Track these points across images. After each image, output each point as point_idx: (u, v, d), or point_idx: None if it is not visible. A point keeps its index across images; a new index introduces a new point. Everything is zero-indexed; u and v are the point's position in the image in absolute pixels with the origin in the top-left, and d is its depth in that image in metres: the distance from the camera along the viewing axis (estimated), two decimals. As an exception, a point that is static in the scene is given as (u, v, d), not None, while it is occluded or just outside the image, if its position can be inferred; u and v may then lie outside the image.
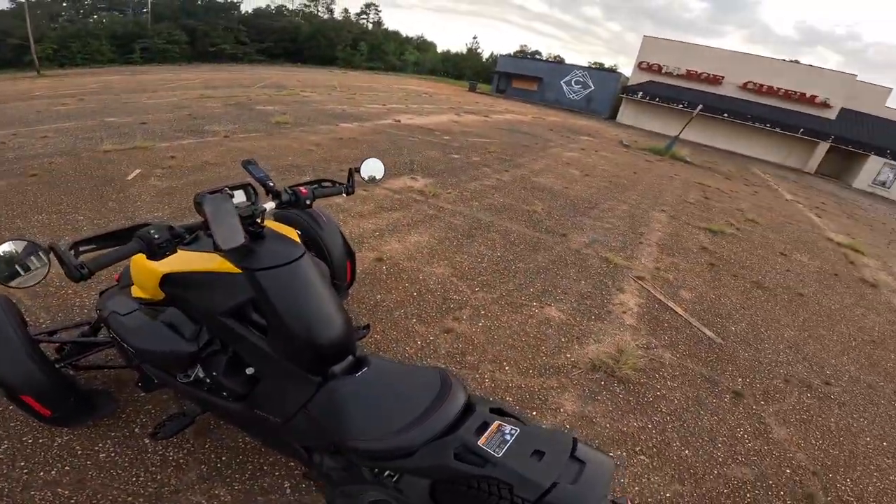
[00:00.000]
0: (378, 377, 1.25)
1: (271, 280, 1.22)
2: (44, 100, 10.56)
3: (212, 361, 1.43)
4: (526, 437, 0.98)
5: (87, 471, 1.64)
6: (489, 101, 24.12)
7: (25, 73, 25.25)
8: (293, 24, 49.27)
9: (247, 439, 1.81)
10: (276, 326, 1.25)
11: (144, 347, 1.44)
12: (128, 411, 1.89)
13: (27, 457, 1.66)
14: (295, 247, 1.33)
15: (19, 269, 0.97)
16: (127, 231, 1.11)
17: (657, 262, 4.47)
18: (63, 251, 0.96)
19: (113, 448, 1.73)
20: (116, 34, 37.22)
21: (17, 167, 4.76)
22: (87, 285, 2.71)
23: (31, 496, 1.53)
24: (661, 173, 10.02)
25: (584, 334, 2.97)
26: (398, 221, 4.35)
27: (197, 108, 9.65)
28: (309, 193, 1.51)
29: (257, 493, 1.62)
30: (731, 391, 2.67)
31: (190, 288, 1.39)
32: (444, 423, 1.05)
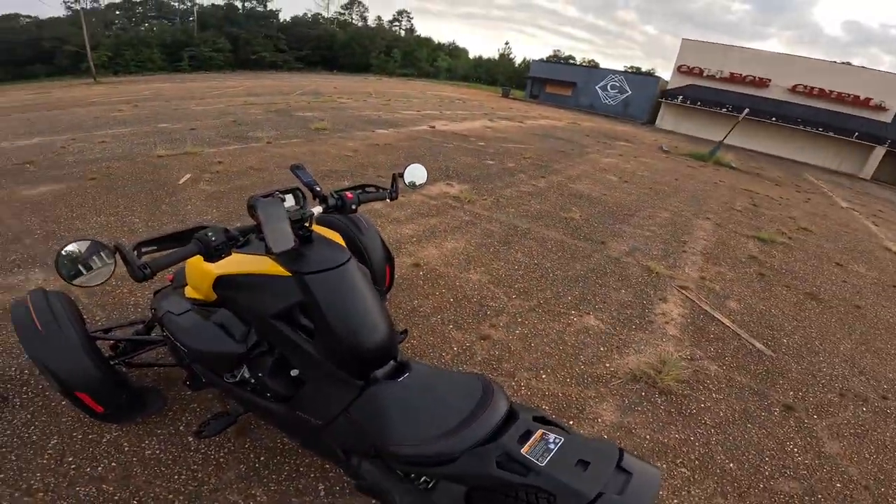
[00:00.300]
0: (419, 382, 1.24)
1: (319, 284, 1.23)
2: (100, 106, 11.25)
3: (258, 362, 1.46)
4: (570, 446, 0.95)
5: (132, 467, 1.68)
6: (523, 107, 23.97)
7: (82, 80, 27.05)
8: (329, 32, 50.71)
9: (284, 440, 1.83)
10: (323, 330, 1.26)
11: (196, 347, 1.48)
12: (174, 409, 1.94)
13: (76, 452, 1.72)
14: (342, 251, 1.34)
15: (84, 268, 0.99)
16: (185, 233, 1.14)
17: (702, 271, 4.29)
18: (127, 252, 0.99)
19: (158, 445, 1.77)
20: (166, 42, 39.32)
21: (76, 171, 5.08)
22: (141, 284, 2.85)
23: (75, 492, 1.58)
24: (704, 179, 9.64)
25: (624, 344, 2.88)
26: (435, 227, 4.36)
27: (241, 115, 10.04)
28: (354, 198, 1.52)
29: (292, 495, 1.63)
30: (782, 404, 2.54)
31: (241, 290, 1.42)
32: (487, 430, 1.03)
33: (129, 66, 35.55)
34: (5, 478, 1.59)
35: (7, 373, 2.06)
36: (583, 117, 23.04)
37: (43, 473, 1.62)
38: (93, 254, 1.00)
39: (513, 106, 23.36)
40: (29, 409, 1.88)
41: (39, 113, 10.01)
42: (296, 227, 1.23)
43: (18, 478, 1.60)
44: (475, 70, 55.01)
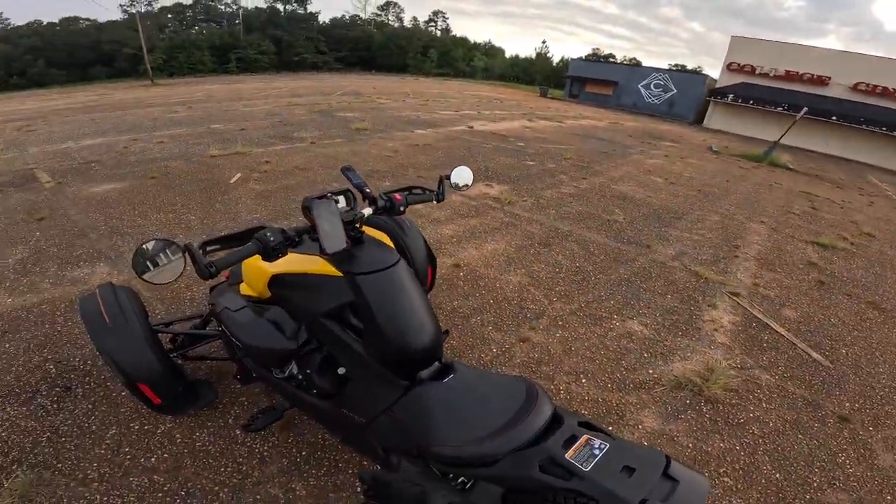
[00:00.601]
0: (463, 384, 1.25)
1: (370, 284, 1.25)
2: (158, 107, 11.94)
3: (307, 359, 1.49)
4: (616, 452, 0.94)
5: (182, 459, 1.75)
6: (562, 107, 23.55)
7: (140, 82, 28.74)
8: (366, 34, 51.61)
9: (325, 436, 1.86)
10: (372, 330, 1.28)
11: (250, 342, 1.52)
12: (224, 402, 2.01)
13: (132, 443, 1.80)
14: (391, 253, 1.36)
15: (158, 265, 1.06)
16: (246, 233, 1.20)
17: (756, 277, 4.08)
18: (196, 251, 1.04)
19: (208, 437, 1.84)
20: (215, 45, 41.17)
21: (138, 170, 5.42)
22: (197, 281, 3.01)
23: (128, 482, 1.64)
24: (758, 181, 9.15)
25: (670, 351, 2.78)
26: (475, 228, 4.36)
27: (286, 115, 10.40)
28: (402, 200, 1.54)
29: (330, 490, 1.66)
30: (837, 416, 2.40)
31: (295, 288, 1.46)
32: (530, 433, 1.02)
33: (182, 68, 37.50)
34: (63, 467, 1.68)
35: (71, 363, 2.21)
36: (625, 117, 22.38)
37: (99, 463, 1.71)
38: (166, 252, 1.06)
39: (551, 106, 23.00)
40: (90, 400, 1.99)
41: (103, 114, 10.73)
42: (347, 229, 1.26)
43: (76, 467, 1.68)
44: (512, 69, 54.49)
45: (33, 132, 8.31)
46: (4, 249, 3.34)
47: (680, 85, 27.98)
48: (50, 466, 1.68)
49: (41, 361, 2.20)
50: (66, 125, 9.02)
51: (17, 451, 1.73)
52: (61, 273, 3.04)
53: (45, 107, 13.68)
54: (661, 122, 23.45)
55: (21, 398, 1.97)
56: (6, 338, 2.36)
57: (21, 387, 2.04)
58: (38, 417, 1.89)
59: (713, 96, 24.96)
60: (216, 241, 1.18)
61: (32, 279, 2.95)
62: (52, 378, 2.10)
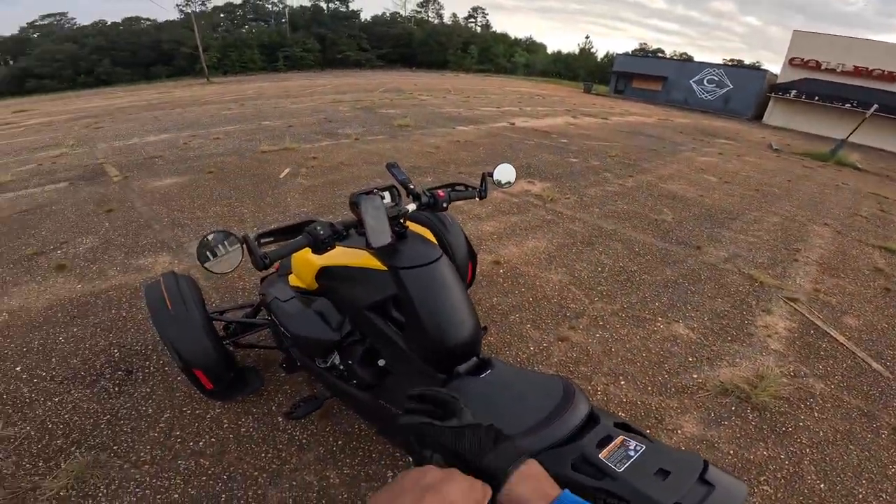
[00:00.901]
0: (500, 380, 1.23)
1: (413, 279, 1.27)
2: (214, 105, 12.56)
3: (349, 350, 1.53)
4: (652, 454, 0.90)
5: (228, 444, 1.82)
6: (607, 103, 22.85)
7: (197, 80, 30.33)
8: (407, 31, 52.09)
9: (361, 426, 1.90)
10: (413, 323, 1.29)
11: (297, 332, 1.57)
12: (269, 389, 2.09)
13: (183, 427, 1.88)
14: (434, 248, 1.36)
15: (218, 256, 1.10)
16: (297, 226, 1.24)
17: (816, 282, 3.82)
18: (252, 243, 1.08)
19: (252, 424, 1.91)
20: (264, 43, 42.86)
21: (197, 165, 5.73)
22: (251, 271, 3.15)
23: (177, 465, 1.71)
24: (823, 181, 8.52)
25: (717, 356, 2.65)
26: (516, 225, 4.32)
27: (331, 112, 10.68)
28: (446, 196, 1.54)
29: (362, 479, 1.70)
30: (892, 427, 2.23)
31: (341, 281, 1.50)
32: (565, 431, 1.01)
33: (235, 66, 39.32)
34: (118, 449, 1.77)
35: (134, 347, 2.35)
36: (675, 113, 21.43)
37: (152, 446, 1.79)
38: (225, 244, 1.11)
39: (596, 102, 22.36)
40: (149, 384, 2.11)
41: (164, 111, 11.42)
42: (392, 224, 1.28)
43: (130, 450, 1.77)
44: (554, 65, 53.36)
45: (101, 129, 8.97)
46: (76, 238, 3.63)
47: (736, 80, 26.66)
48: (106, 448, 1.77)
49: (106, 346, 2.36)
50: (130, 122, 9.67)
51: (78, 433, 1.84)
52: (127, 261, 3.27)
53: (112, 105, 14.72)
54: (715, 118, 22.32)
55: (86, 381, 2.12)
56: (75, 322, 2.55)
57: (87, 370, 2.19)
58: (101, 400, 2.01)
59: (774, 92, 23.68)
60: (269, 233, 1.23)
61: (101, 266, 3.19)
62: (116, 362, 2.24)
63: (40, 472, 1.66)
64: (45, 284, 2.94)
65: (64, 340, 2.40)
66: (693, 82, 28.13)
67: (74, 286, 2.93)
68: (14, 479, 1.63)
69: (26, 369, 2.18)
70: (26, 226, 3.86)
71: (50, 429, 1.85)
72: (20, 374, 2.15)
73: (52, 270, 3.11)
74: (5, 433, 1.81)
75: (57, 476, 1.63)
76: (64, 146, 7.14)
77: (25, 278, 3.01)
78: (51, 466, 1.68)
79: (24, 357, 2.27)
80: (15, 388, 2.06)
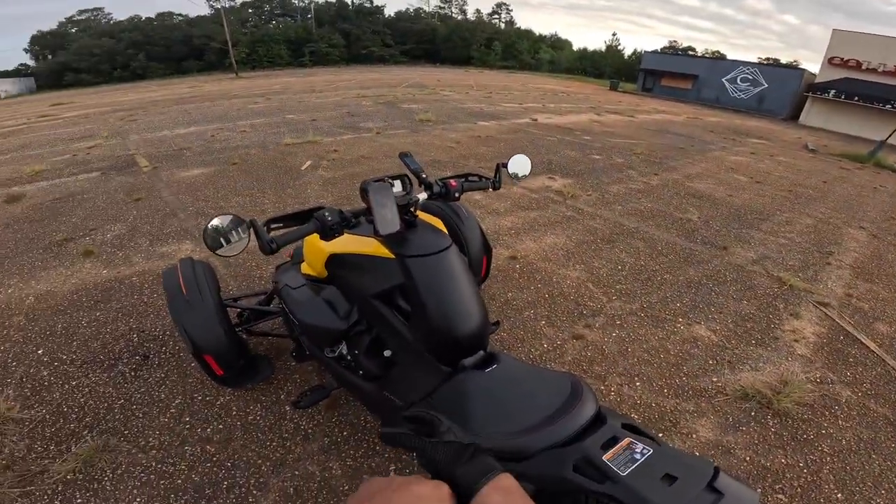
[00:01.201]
0: (506, 375, 1.19)
1: (419, 267, 1.24)
2: (241, 99, 12.83)
3: (356, 341, 1.52)
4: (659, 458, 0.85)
5: (234, 431, 1.82)
6: (634, 101, 22.35)
7: (227, 75, 31.03)
8: (430, 26, 52.10)
9: (367, 418, 1.89)
10: (418, 313, 1.27)
11: (305, 320, 1.56)
12: (279, 378, 2.09)
13: (193, 413, 1.90)
14: (443, 237, 1.33)
15: (224, 240, 1.10)
16: (306, 213, 1.23)
17: (849, 287, 3.63)
18: (259, 228, 1.08)
19: (260, 412, 1.92)
20: (290, 39, 43.57)
21: (223, 156, 5.85)
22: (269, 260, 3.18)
23: (183, 451, 1.73)
24: (861, 183, 8.11)
25: (739, 359, 2.55)
26: (535, 221, 4.25)
27: (354, 107, 10.76)
28: (458, 186, 1.52)
29: (364, 472, 1.68)
30: None
31: (349, 268, 1.48)
32: (569, 431, 0.96)
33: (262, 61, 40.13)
34: (129, 434, 1.79)
35: (152, 333, 2.40)
36: (705, 112, 20.79)
37: (161, 432, 1.81)
38: (232, 228, 1.11)
39: (622, 99, 21.90)
40: (164, 369, 2.14)
41: (194, 105, 11.72)
42: (402, 212, 1.26)
43: (140, 434, 1.79)
44: (580, 62, 52.50)
45: (134, 121, 9.27)
46: (105, 225, 3.75)
47: (772, 79, 25.79)
48: (117, 433, 1.80)
49: (126, 330, 2.42)
50: (162, 115, 9.97)
51: (91, 417, 1.87)
52: (152, 248, 3.35)
53: (145, 98, 15.20)
54: (748, 118, 21.57)
55: (104, 365, 2.17)
56: (98, 307, 2.63)
57: (105, 354, 2.24)
58: (116, 384, 2.04)
59: (812, 91, 22.86)
60: (279, 219, 1.23)
61: (126, 253, 3.28)
62: (134, 347, 2.29)
63: (50, 456, 1.69)
64: (73, 269, 3.04)
65: (86, 324, 2.47)
66: (726, 80, 27.33)
67: (100, 272, 3.02)
68: (24, 463, 1.66)
69: (48, 352, 2.25)
70: (58, 213, 4.01)
71: (65, 412, 1.89)
72: (42, 357, 2.22)
73: (79, 256, 3.22)
74: (21, 416, 1.86)
75: (66, 460, 1.66)
76: (98, 137, 7.41)
77: (54, 263, 3.13)
78: (61, 450, 1.72)
79: (46, 340, 2.34)
80: (35, 372, 2.12)
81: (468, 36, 50.15)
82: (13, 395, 1.97)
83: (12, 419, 1.83)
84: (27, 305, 2.63)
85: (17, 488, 1.56)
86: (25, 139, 7.88)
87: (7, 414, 1.84)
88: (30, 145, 7.20)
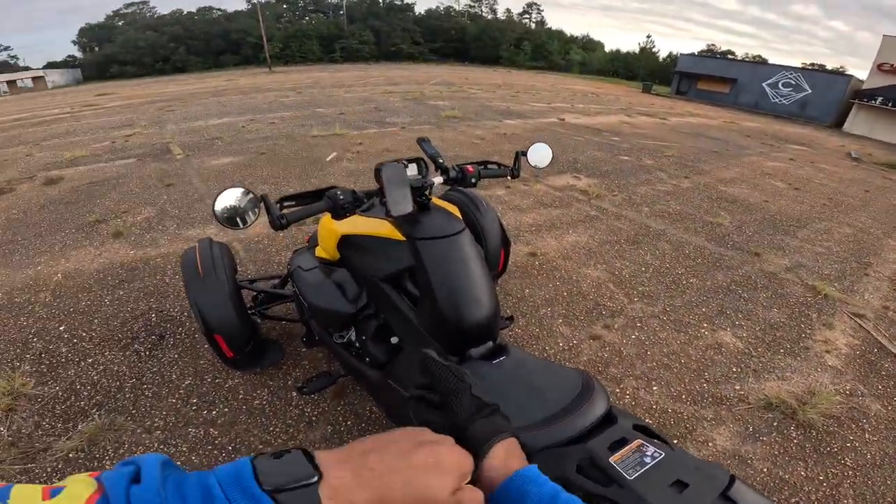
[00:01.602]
0: (515, 368, 1.15)
1: (429, 249, 1.21)
2: (273, 92, 13.11)
3: (364, 326, 1.49)
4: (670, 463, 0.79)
5: (239, 415, 1.81)
6: (667, 103, 21.76)
7: (261, 69, 31.80)
8: (460, 25, 52.05)
9: (371, 409, 1.86)
10: (426, 297, 1.23)
11: (315, 302, 1.55)
12: (288, 364, 2.09)
13: (201, 395, 1.89)
14: (456, 222, 1.30)
15: (235, 212, 1.09)
16: (320, 192, 1.22)
17: (887, 300, 3.41)
18: (270, 203, 1.08)
19: (266, 397, 1.90)
20: (322, 34, 44.35)
21: (252, 146, 5.98)
22: (288, 247, 3.21)
23: (187, 433, 1.72)
24: (906, 195, 7.67)
25: (765, 368, 2.42)
26: (557, 219, 4.17)
27: (381, 102, 10.84)
28: (475, 172, 1.48)
29: None
30: None
31: (360, 250, 1.47)
32: (576, 429, 0.91)
33: (295, 56, 40.95)
34: (136, 414, 1.80)
35: (170, 313, 2.44)
36: (743, 116, 20.06)
37: (167, 412, 1.81)
38: (243, 201, 1.10)
39: (654, 102, 21.34)
40: (177, 350, 2.16)
41: (228, 97, 12.04)
42: (416, 195, 1.24)
43: (146, 415, 1.79)
44: (612, 64, 51.50)
45: (172, 112, 9.58)
46: (135, 208, 3.87)
47: (816, 85, 24.79)
48: (124, 412, 1.80)
49: (145, 310, 2.47)
50: (198, 107, 10.28)
51: (102, 395, 1.88)
52: (178, 232, 3.44)
53: (184, 90, 15.72)
54: (788, 123, 20.70)
55: (121, 343, 2.20)
56: (122, 286, 2.69)
57: (124, 333, 2.28)
58: (130, 363, 2.06)
59: (858, 98, 21.79)
60: (292, 197, 1.22)
61: (154, 235, 3.38)
62: (151, 326, 2.33)
63: (57, 433, 1.69)
64: (101, 249, 3.15)
65: (109, 303, 2.54)
66: (766, 85, 26.41)
67: (127, 252, 3.11)
68: (30, 440, 1.67)
69: (69, 329, 2.30)
70: (93, 196, 4.17)
71: (77, 390, 1.91)
72: (62, 333, 2.27)
73: (109, 237, 3.33)
74: (35, 392, 1.88)
75: (71, 437, 1.66)
76: (137, 126, 7.70)
77: (84, 243, 3.24)
78: (68, 428, 1.72)
79: (69, 317, 2.40)
80: (55, 348, 2.16)
81: (498, 35, 49.92)
82: (30, 370, 2.00)
83: (25, 395, 1.85)
84: (55, 282, 2.72)
85: (19, 465, 1.56)
86: (68, 126, 8.25)
87: (21, 390, 1.86)
88: (72, 132, 7.54)
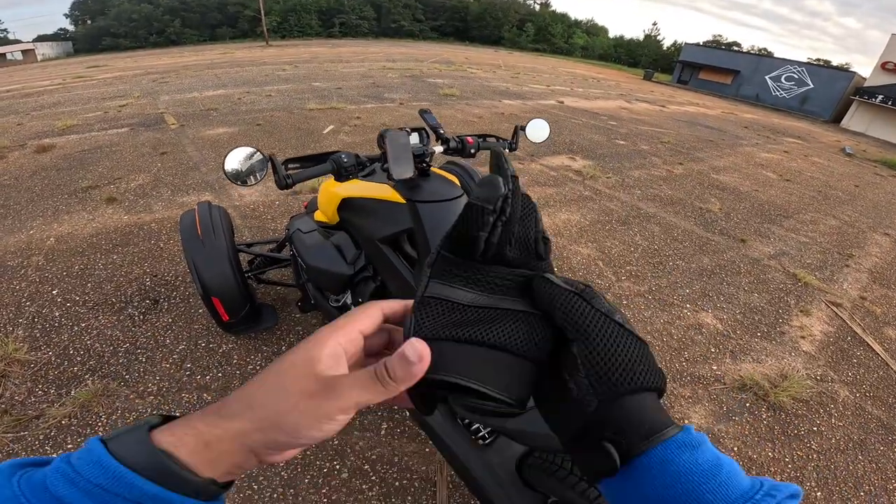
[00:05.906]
0: None
1: (428, 211, 1.26)
2: (270, 66, 12.87)
3: (361, 289, 1.53)
4: None
5: (233, 380, 1.81)
6: (668, 91, 21.65)
7: (257, 43, 31.10)
8: (463, 3, 50.91)
9: None
10: (423, 258, 1.28)
11: (313, 264, 1.59)
12: (283, 329, 2.11)
13: (195, 360, 1.89)
14: (456, 188, 1.35)
15: (244, 169, 1.15)
16: (323, 155, 1.26)
17: (864, 290, 3.52)
18: (277, 162, 1.12)
19: (260, 362, 1.91)
20: (322, 9, 43.27)
21: (247, 117, 5.92)
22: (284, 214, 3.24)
23: (180, 398, 1.71)
24: (893, 191, 7.75)
25: (742, 350, 2.52)
26: (550, 197, 4.21)
27: (379, 78, 10.70)
28: (474, 143, 1.53)
29: (356, 429, 1.69)
30: None
31: (360, 212, 1.50)
32: None
33: (293, 30, 40.06)
34: (129, 379, 1.78)
35: (165, 277, 2.44)
36: (742, 108, 20.04)
37: (161, 377, 1.80)
38: (252, 160, 1.16)
39: (655, 90, 21.21)
40: (172, 314, 2.15)
41: (224, 70, 11.82)
42: (417, 161, 1.28)
43: (140, 380, 1.78)
44: (615, 50, 50.92)
45: (166, 83, 9.41)
46: (129, 175, 3.86)
47: (819, 80, 24.90)
48: (118, 377, 1.79)
49: (140, 274, 2.47)
50: (193, 79, 10.08)
51: (95, 361, 1.86)
52: (172, 198, 3.45)
53: (178, 63, 15.39)
54: (787, 117, 20.74)
55: (115, 308, 2.18)
56: (116, 250, 2.69)
57: (117, 297, 2.27)
58: (124, 328, 2.04)
59: (858, 95, 21.79)
60: (297, 159, 1.26)
61: (148, 201, 3.38)
62: (146, 290, 2.33)
63: (49, 399, 1.67)
64: (95, 214, 3.15)
65: (102, 267, 2.53)
66: (769, 78, 26.46)
67: (121, 217, 3.11)
68: (23, 407, 1.64)
69: (62, 293, 2.29)
70: (85, 163, 4.13)
71: (70, 355, 1.89)
72: (55, 297, 2.25)
73: (102, 202, 3.32)
74: (28, 357, 1.85)
75: (63, 404, 1.64)
76: (130, 97, 7.57)
77: (77, 208, 3.23)
78: (61, 394, 1.70)
79: (62, 281, 2.38)
80: (48, 312, 2.14)
81: (500, 16, 48.97)
82: (23, 335, 1.97)
83: (18, 361, 1.82)
84: (47, 246, 2.71)
85: (11, 433, 1.54)
86: (59, 97, 8.09)
87: (14, 356, 1.83)
88: (63, 103, 7.40)
